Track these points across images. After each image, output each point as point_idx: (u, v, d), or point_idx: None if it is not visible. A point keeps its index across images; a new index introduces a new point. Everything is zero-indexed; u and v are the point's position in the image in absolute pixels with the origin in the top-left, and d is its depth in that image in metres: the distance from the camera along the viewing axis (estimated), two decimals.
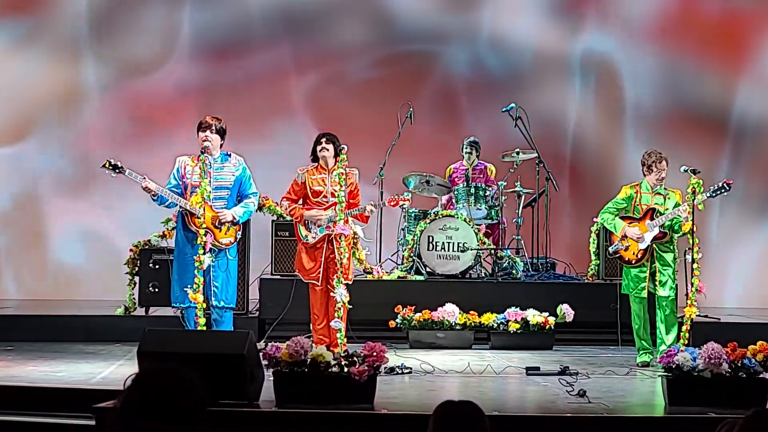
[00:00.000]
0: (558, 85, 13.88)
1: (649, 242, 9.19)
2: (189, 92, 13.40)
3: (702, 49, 13.78)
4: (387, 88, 13.30)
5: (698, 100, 13.80)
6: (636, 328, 9.29)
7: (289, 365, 6.85)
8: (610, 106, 13.93)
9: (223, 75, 13.49)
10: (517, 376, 8.48)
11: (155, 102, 13.38)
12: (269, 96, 13.50)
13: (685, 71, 13.76)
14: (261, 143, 12.88)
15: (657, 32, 13.81)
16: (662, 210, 9.17)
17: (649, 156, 9.28)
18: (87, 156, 12.88)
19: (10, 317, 10.85)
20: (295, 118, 13.52)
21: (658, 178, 9.23)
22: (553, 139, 13.53)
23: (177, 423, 3.02)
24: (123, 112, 13.39)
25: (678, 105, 13.78)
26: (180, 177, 8.73)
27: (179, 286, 8.61)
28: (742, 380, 6.96)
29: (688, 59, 13.77)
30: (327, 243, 9.17)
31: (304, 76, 13.68)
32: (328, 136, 9.35)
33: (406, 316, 10.25)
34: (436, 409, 3.63)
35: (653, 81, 13.85)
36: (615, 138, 13.87)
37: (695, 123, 13.72)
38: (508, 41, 13.81)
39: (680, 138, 13.31)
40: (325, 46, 13.61)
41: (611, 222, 9.39)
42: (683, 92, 13.81)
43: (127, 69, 13.39)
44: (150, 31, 13.45)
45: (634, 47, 13.86)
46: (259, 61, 13.56)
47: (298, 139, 12.21)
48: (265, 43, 13.57)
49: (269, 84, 13.52)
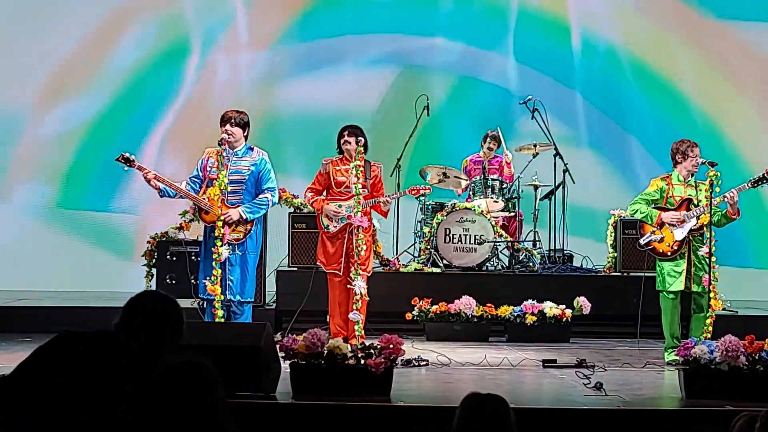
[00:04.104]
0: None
1: (686, 233, 8.87)
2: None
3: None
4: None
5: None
6: (668, 325, 8.97)
7: (306, 357, 6.86)
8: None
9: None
10: (533, 369, 8.48)
11: None
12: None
13: None
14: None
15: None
16: (696, 202, 8.92)
17: (682, 143, 9.00)
18: None
19: (28, 308, 10.89)
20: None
21: (693, 164, 8.91)
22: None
23: (195, 416, 3.04)
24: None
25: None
26: (202, 168, 8.74)
27: (203, 278, 8.65)
28: (759, 373, 6.95)
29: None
30: (348, 234, 9.19)
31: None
32: (351, 128, 9.34)
33: (423, 309, 10.25)
34: (463, 401, 3.64)
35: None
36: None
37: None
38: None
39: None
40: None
41: (644, 211, 8.99)
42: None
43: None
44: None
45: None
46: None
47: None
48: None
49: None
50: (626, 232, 11.04)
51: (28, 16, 13.34)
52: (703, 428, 6.44)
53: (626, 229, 11.05)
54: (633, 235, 10.73)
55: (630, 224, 10.91)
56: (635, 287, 10.37)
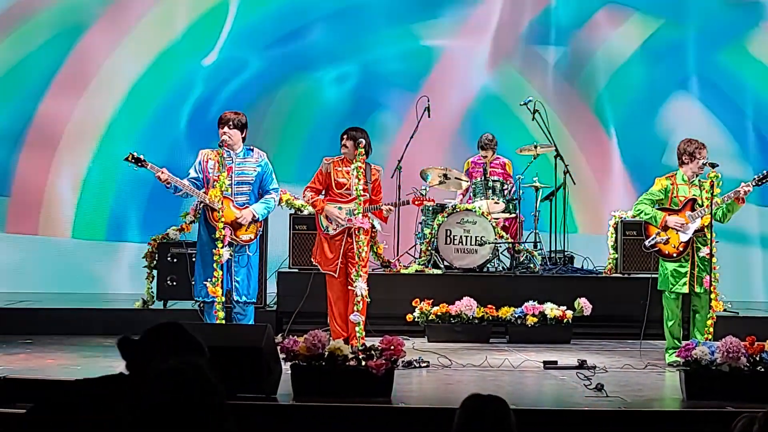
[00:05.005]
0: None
1: (691, 234, 8.85)
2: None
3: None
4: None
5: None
6: (670, 325, 8.94)
7: (307, 359, 6.86)
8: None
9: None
10: (534, 370, 8.48)
11: None
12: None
13: None
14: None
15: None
16: (701, 201, 8.89)
17: (690, 143, 8.95)
18: None
19: (29, 310, 10.89)
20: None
21: (699, 166, 8.88)
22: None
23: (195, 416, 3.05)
24: None
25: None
26: (202, 170, 8.74)
27: (202, 281, 8.64)
28: (760, 374, 6.95)
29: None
30: (346, 236, 9.18)
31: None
32: (349, 132, 9.33)
33: (424, 310, 10.25)
34: (463, 402, 3.64)
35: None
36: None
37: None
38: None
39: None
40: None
41: (649, 213, 8.95)
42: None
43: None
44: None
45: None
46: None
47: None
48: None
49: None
50: (627, 233, 11.03)
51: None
52: (704, 429, 6.44)
53: (627, 230, 11.03)
54: (634, 237, 10.75)
55: (631, 225, 10.91)
56: (636, 288, 10.41)
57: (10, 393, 6.82)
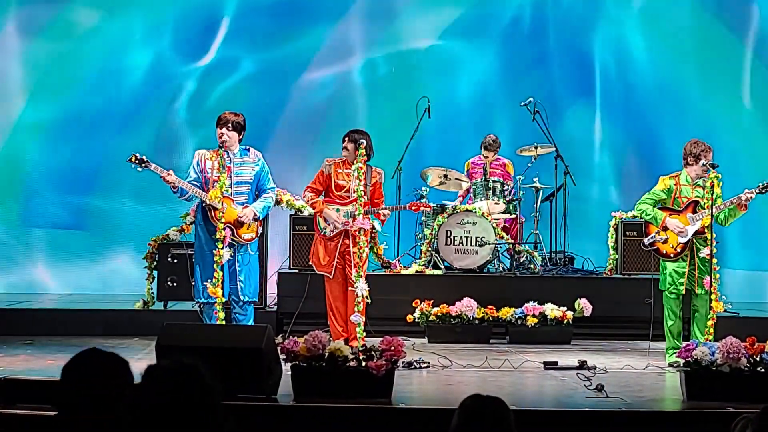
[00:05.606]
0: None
1: (690, 236, 8.84)
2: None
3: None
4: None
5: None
6: (670, 326, 8.92)
7: (307, 359, 6.86)
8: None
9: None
10: (534, 371, 8.48)
11: None
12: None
13: None
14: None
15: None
16: (703, 203, 8.87)
17: (697, 145, 8.90)
18: None
19: (29, 311, 10.89)
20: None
21: (704, 169, 8.83)
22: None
23: (190, 418, 3.05)
24: None
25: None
26: (200, 170, 8.73)
27: (202, 281, 8.63)
28: (760, 375, 6.94)
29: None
30: (343, 237, 9.18)
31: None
32: (351, 134, 9.32)
33: (424, 311, 10.25)
34: (462, 402, 3.64)
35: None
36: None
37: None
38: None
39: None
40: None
41: (651, 212, 8.93)
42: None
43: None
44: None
45: None
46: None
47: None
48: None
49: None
50: (627, 233, 11.02)
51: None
52: (704, 430, 6.45)
53: (627, 230, 11.03)
54: (634, 237, 10.75)
55: (631, 226, 10.91)
56: (636, 289, 10.41)
57: (10, 393, 6.82)
